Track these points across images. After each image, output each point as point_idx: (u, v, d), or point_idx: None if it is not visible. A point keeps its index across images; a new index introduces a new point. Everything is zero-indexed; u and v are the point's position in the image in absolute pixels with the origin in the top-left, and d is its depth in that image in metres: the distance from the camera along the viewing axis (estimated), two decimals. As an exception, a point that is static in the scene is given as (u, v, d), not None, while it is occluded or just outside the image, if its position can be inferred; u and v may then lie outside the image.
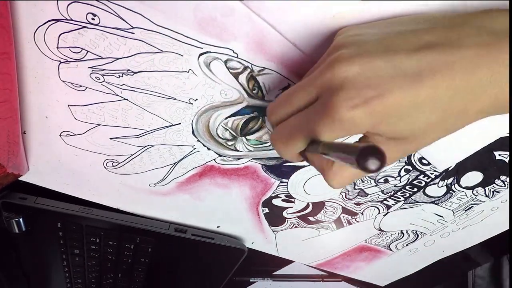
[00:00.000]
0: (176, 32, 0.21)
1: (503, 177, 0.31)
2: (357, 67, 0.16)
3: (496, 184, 0.32)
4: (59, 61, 0.22)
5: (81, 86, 0.24)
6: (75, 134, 0.27)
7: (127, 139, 0.27)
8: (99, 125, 0.26)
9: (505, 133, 0.27)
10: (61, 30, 0.21)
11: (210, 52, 0.22)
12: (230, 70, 0.23)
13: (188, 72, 0.23)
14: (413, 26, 0.17)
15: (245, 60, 0.23)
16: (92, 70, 0.23)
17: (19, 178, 0.28)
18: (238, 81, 0.24)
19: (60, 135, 0.27)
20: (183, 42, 0.22)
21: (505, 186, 0.32)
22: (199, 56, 0.22)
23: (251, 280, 0.46)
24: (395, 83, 0.15)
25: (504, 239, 0.38)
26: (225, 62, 0.23)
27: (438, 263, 0.44)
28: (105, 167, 0.29)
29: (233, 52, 0.22)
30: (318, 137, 0.17)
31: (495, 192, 0.33)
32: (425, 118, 0.16)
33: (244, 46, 0.22)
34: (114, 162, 0.29)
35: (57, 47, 0.22)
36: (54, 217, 0.32)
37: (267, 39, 0.22)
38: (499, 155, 0.29)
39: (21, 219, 0.31)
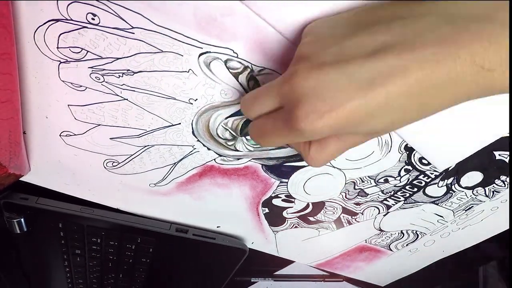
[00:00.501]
0: (176, 32, 0.21)
1: (503, 177, 0.31)
2: (313, 81, 0.16)
3: (496, 184, 0.32)
4: (59, 61, 0.22)
5: (81, 86, 0.24)
6: (75, 134, 0.27)
7: (127, 139, 0.27)
8: (99, 125, 0.26)
9: (505, 133, 0.27)
10: (61, 30, 0.21)
11: (210, 52, 0.22)
12: (230, 70, 0.23)
13: (188, 72, 0.23)
14: (371, 22, 0.17)
15: (245, 60, 0.23)
16: (92, 70, 0.23)
17: (20, 179, 0.28)
18: (238, 81, 0.24)
19: (60, 135, 0.27)
20: (183, 42, 0.22)
21: (505, 186, 0.32)
22: (199, 56, 0.22)
23: (252, 280, 0.46)
24: (347, 95, 0.15)
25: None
26: (225, 62, 0.23)
27: (438, 262, 0.44)
28: (105, 167, 0.29)
29: (233, 52, 0.22)
30: (281, 142, 0.19)
31: (495, 192, 0.33)
32: (382, 121, 0.16)
33: (244, 46, 0.22)
34: (114, 162, 0.29)
35: (57, 47, 0.22)
36: (55, 217, 0.32)
37: (267, 39, 0.22)
38: (499, 155, 0.29)
39: (22, 220, 0.31)
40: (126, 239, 0.34)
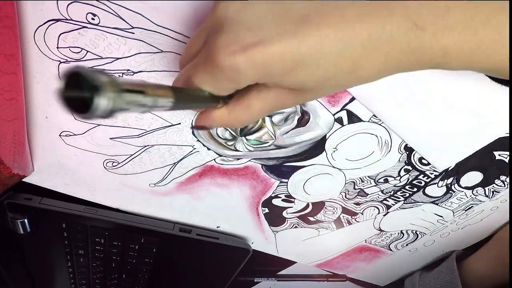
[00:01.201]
0: (176, 32, 0.21)
1: (503, 177, 0.31)
2: (239, 4, 0.14)
3: (496, 184, 0.32)
4: (59, 61, 0.22)
5: (81, 86, 0.24)
6: (74, 134, 0.27)
7: (127, 139, 0.27)
8: (99, 125, 0.26)
9: (505, 133, 0.27)
10: (61, 30, 0.21)
11: (210, 52, 0.22)
12: (230, 70, 0.23)
13: (188, 72, 0.23)
14: None
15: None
16: (92, 70, 0.23)
17: (23, 179, 0.28)
18: (238, 81, 0.24)
19: (60, 135, 0.27)
20: (183, 42, 0.22)
21: (505, 186, 0.32)
22: (199, 56, 0.22)
23: (255, 280, 0.46)
24: (279, 29, 0.13)
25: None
26: (225, 62, 0.23)
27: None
28: (105, 167, 0.29)
29: (233, 52, 0.22)
30: (202, 87, 0.15)
31: (495, 192, 0.33)
32: (312, 73, 0.14)
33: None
34: (114, 162, 0.29)
35: (57, 47, 0.22)
36: (59, 218, 0.32)
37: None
38: (499, 155, 0.29)
39: (26, 220, 0.31)
40: (129, 239, 0.34)
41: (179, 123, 0.26)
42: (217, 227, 0.36)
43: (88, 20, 0.21)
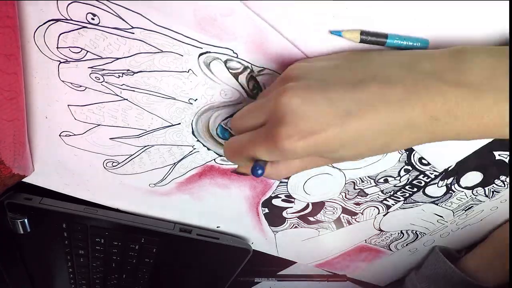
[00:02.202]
0: (176, 32, 0.21)
1: (502, 177, 0.31)
2: (299, 101, 0.17)
3: (496, 184, 0.32)
4: (59, 61, 0.22)
5: (80, 86, 0.24)
6: (74, 134, 0.27)
7: (127, 139, 0.27)
8: (99, 125, 0.26)
9: (505, 133, 0.27)
10: (61, 30, 0.21)
11: (210, 52, 0.22)
12: (230, 70, 0.23)
13: (188, 72, 0.23)
14: (354, 62, 0.19)
15: (245, 60, 0.23)
16: (92, 70, 0.23)
17: (23, 179, 0.28)
18: (238, 81, 0.24)
19: (59, 135, 0.27)
20: (183, 42, 0.22)
21: (505, 186, 0.32)
22: (199, 56, 0.22)
23: (255, 280, 0.46)
24: (328, 120, 0.17)
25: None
26: (225, 62, 0.23)
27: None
28: (104, 167, 0.29)
29: (233, 52, 0.22)
30: (259, 157, 0.19)
31: (494, 192, 0.33)
32: (350, 151, 0.18)
33: (244, 46, 0.22)
34: (114, 162, 0.29)
35: (57, 47, 0.22)
36: (59, 218, 0.32)
37: (267, 39, 0.22)
38: (499, 155, 0.29)
39: (26, 220, 0.31)
40: (130, 239, 0.34)
41: (179, 123, 0.26)
42: (217, 227, 0.36)
43: (88, 20, 0.21)
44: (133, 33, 0.21)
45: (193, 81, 0.24)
